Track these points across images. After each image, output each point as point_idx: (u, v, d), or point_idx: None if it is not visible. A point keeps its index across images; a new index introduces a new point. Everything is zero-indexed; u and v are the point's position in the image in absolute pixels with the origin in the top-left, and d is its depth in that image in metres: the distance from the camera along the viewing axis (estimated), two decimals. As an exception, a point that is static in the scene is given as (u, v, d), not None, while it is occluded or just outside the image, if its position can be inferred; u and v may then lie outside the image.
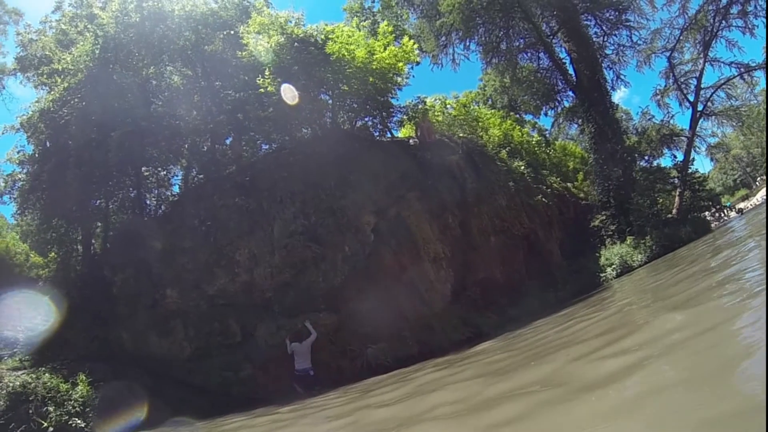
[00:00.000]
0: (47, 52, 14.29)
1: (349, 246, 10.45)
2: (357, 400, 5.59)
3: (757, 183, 49.04)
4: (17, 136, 13.05)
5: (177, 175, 14.78)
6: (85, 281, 11.97)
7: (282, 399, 8.27)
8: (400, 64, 11.82)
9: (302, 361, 9.06)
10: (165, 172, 14.68)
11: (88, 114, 12.29)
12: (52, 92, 13.05)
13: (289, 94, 11.41)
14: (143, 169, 14.08)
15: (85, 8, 15.41)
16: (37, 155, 12.88)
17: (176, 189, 14.57)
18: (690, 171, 19.01)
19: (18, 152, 13.33)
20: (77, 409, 7.71)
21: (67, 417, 7.54)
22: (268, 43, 11.98)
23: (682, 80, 20.46)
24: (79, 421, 7.53)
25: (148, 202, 14.59)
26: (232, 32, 13.57)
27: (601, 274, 14.28)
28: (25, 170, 13.36)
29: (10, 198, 13.86)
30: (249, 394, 9.15)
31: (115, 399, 8.26)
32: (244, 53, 12.54)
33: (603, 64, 18.60)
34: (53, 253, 13.49)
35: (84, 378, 8.16)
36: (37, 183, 12.74)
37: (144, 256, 11.66)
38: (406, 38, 12.76)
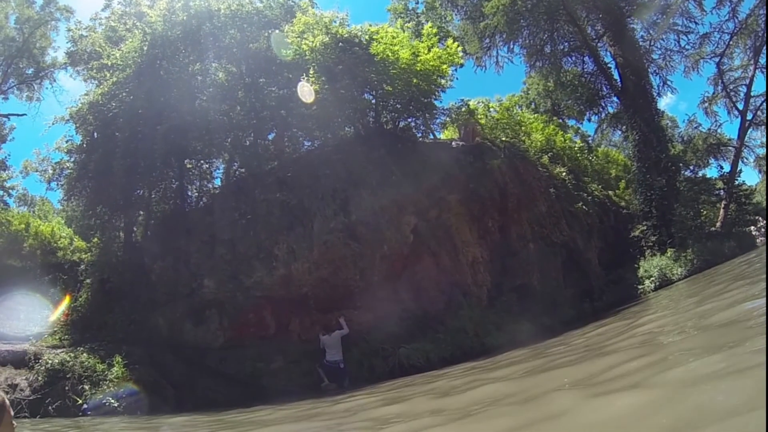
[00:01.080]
0: (97, 48, 14.89)
1: (388, 245, 10.53)
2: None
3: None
4: (66, 127, 13.62)
5: (219, 168, 15.14)
6: (125, 267, 12.41)
7: (312, 393, 8.44)
8: (444, 66, 11.79)
9: (333, 353, 9.19)
10: (207, 165, 15.05)
11: (135, 107, 12.75)
12: (101, 86, 13.58)
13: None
14: (186, 161, 14.49)
15: (133, 6, 16.05)
16: (84, 145, 13.40)
17: (218, 182, 14.94)
18: (737, 183, 18.34)
19: (66, 142, 13.88)
20: (112, 389, 8.08)
21: (101, 396, 7.92)
22: (312, 42, 12.14)
23: (731, 87, 19.87)
24: (113, 401, 7.87)
25: (189, 193, 14.98)
26: (277, 31, 13.83)
27: (639, 286, 13.94)
28: (72, 159, 13.91)
29: (58, 185, 14.44)
30: (280, 386, 9.28)
31: (148, 383, 8.62)
32: (288, 52, 12.73)
33: (649, 69, 18.08)
34: (96, 239, 14.02)
35: (120, 360, 8.53)
36: (84, 171, 13.26)
37: (183, 245, 12.04)
38: (450, 40, 12.67)
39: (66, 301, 12.61)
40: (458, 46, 12.60)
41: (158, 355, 9.92)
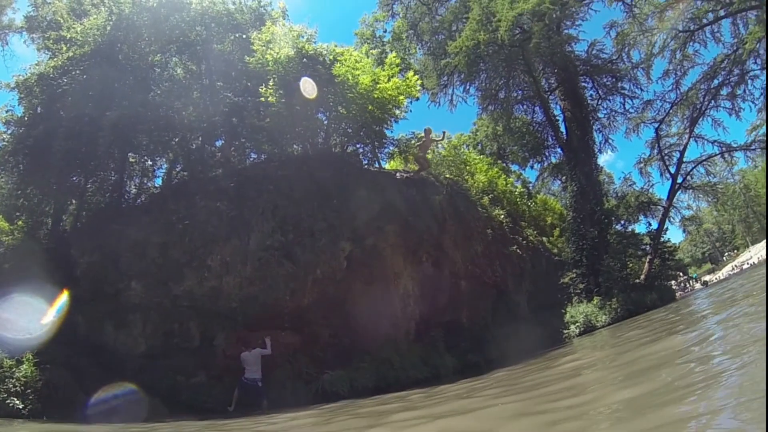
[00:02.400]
0: (58, 18, 14.00)
1: (322, 269, 10.49)
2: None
3: (724, 258, 51.10)
4: (9, 96, 12.75)
5: (161, 168, 14.56)
6: (49, 256, 11.54)
7: (234, 411, 8.22)
8: (401, 97, 12.07)
9: (252, 371, 8.90)
10: (151, 163, 14.44)
11: (87, 88, 12.09)
12: (55, 59, 12.74)
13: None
14: (130, 155, 13.85)
15: None
16: (26, 118, 12.46)
17: (158, 182, 14.34)
18: (662, 240, 19.73)
19: (6, 111, 12.91)
20: (18, 388, 7.35)
21: (5, 395, 7.18)
22: (277, 53, 12.09)
23: (666, 152, 21.36)
24: (17, 402, 7.19)
25: (128, 189, 14.33)
26: (243, 36, 13.69)
27: (565, 331, 14.63)
28: (10, 131, 12.90)
29: None
30: (198, 402, 8.96)
31: (59, 385, 8.03)
32: (251, 59, 12.61)
33: (594, 127, 19.38)
34: (21, 222, 13.01)
35: (31, 357, 7.79)
36: (20, 146, 12.29)
37: (115, 243, 11.40)
38: (411, 72, 13.02)
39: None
40: (418, 79, 12.93)
41: (74, 356, 9.25)
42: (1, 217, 15.97)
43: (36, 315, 9.20)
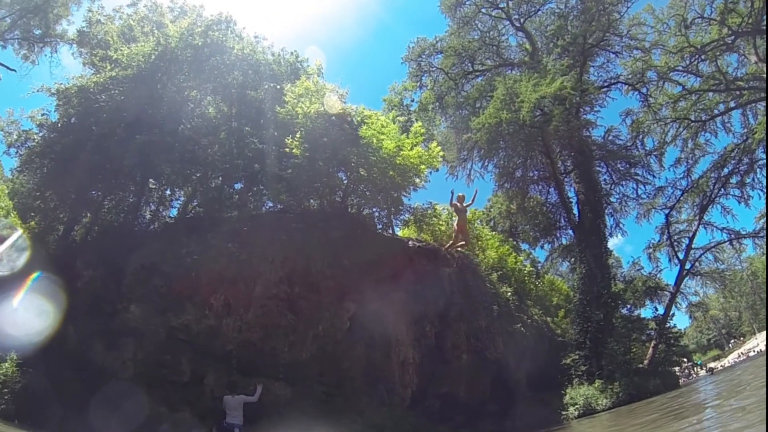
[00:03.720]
0: (108, 38, 14.75)
1: (324, 326, 10.39)
2: None
3: (730, 345, 49.76)
4: (48, 100, 13.15)
5: (179, 199, 14.81)
6: (55, 263, 11.51)
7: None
8: (423, 166, 12.31)
9: (233, 416, 8.46)
10: (170, 192, 14.73)
11: (122, 109, 12.56)
12: (98, 75, 13.35)
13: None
14: (151, 181, 14.15)
15: (157, 15, 16.30)
16: (59, 125, 12.88)
17: (173, 212, 14.55)
18: (668, 326, 19.41)
19: (42, 115, 13.39)
20: None
21: None
22: (307, 107, 12.49)
23: (675, 238, 21.48)
24: None
25: (143, 213, 14.53)
26: (277, 87, 14.27)
27: (563, 412, 14.20)
28: (41, 134, 13.33)
29: (17, 153, 13.65)
30: None
31: (38, 392, 7.78)
32: (281, 110, 13.06)
33: (606, 210, 19.66)
34: (33, 223, 13.11)
35: (15, 357, 7.68)
36: (49, 150, 12.59)
37: (121, 263, 11.40)
38: (434, 143, 13.42)
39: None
40: (440, 150, 13.28)
41: (58, 366, 9.01)
42: (15, 214, 16.21)
43: (30, 316, 9.12)
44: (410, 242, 12.17)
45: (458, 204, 12.21)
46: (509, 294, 14.28)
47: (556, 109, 15.90)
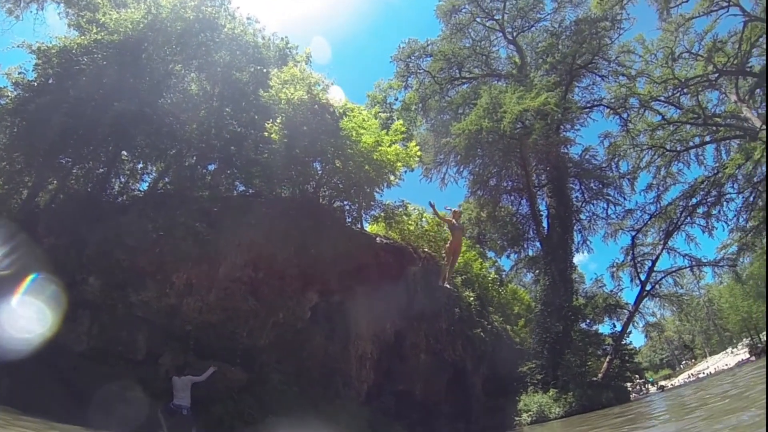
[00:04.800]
0: (98, 1, 14.33)
1: (285, 314, 10.34)
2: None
3: (681, 366, 51.94)
4: (27, 58, 12.58)
5: (151, 174, 14.44)
6: (15, 227, 11.08)
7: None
8: (399, 163, 12.37)
9: (180, 397, 8.24)
10: (142, 166, 14.34)
11: (103, 75, 12.06)
12: (82, 38, 12.87)
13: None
14: (124, 153, 13.76)
15: None
16: (36, 84, 12.36)
17: (143, 187, 14.19)
18: (624, 342, 20.11)
19: (19, 73, 12.82)
20: None
21: None
22: (291, 94, 12.40)
23: (639, 259, 22.31)
24: None
25: (112, 185, 14.10)
26: (264, 70, 14.09)
27: (516, 418, 14.56)
28: (16, 93, 12.78)
29: None
30: (129, 419, 8.32)
31: None
32: (265, 94, 12.92)
33: (575, 227, 20.25)
34: None
35: None
36: (21, 109, 11.94)
37: (84, 233, 11.07)
38: (413, 143, 13.50)
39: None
40: (418, 150, 13.37)
41: (6, 334, 8.65)
42: (-22, 174, 15.40)
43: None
44: (378, 238, 12.23)
45: (453, 221, 9.27)
46: (472, 299, 14.50)
47: (537, 123, 16.25)
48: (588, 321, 19.76)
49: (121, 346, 9.64)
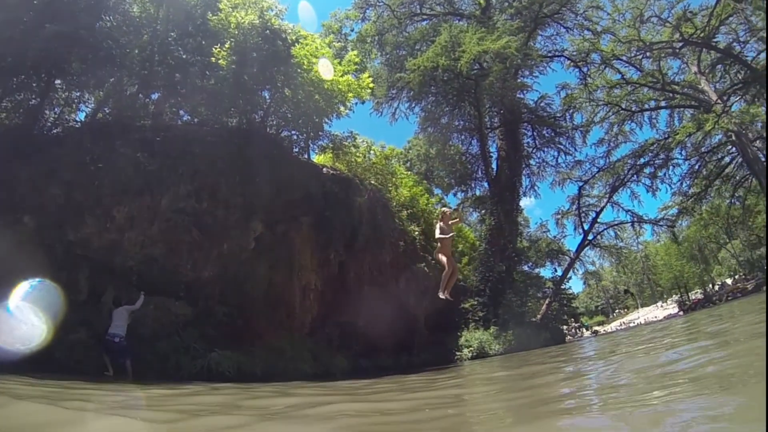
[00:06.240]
0: None
1: (229, 245, 10.41)
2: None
3: (614, 314, 56.90)
4: None
5: (88, 104, 13.58)
6: None
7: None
8: (350, 94, 12.21)
9: (115, 326, 8.28)
10: (78, 94, 13.43)
11: None
12: None
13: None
14: (58, 81, 12.79)
15: None
16: None
17: (81, 116, 13.38)
18: (563, 287, 21.67)
19: None
20: None
21: None
22: (242, 18, 11.75)
23: (583, 210, 23.59)
24: None
25: (46, 117, 13.18)
26: (213, -8, 13.14)
27: (458, 353, 15.57)
28: None
29: None
30: (72, 363, 8.03)
31: None
32: (214, 18, 12.18)
33: (524, 171, 20.93)
34: None
35: None
36: None
37: (16, 169, 10.46)
38: (366, 74, 13.25)
39: None
40: (370, 82, 13.19)
41: None
42: None
43: None
44: (325, 169, 12.25)
45: (443, 224, 7.05)
46: (417, 233, 14.95)
47: (495, 65, 16.20)
48: (530, 264, 21.10)
49: (61, 288, 9.48)
